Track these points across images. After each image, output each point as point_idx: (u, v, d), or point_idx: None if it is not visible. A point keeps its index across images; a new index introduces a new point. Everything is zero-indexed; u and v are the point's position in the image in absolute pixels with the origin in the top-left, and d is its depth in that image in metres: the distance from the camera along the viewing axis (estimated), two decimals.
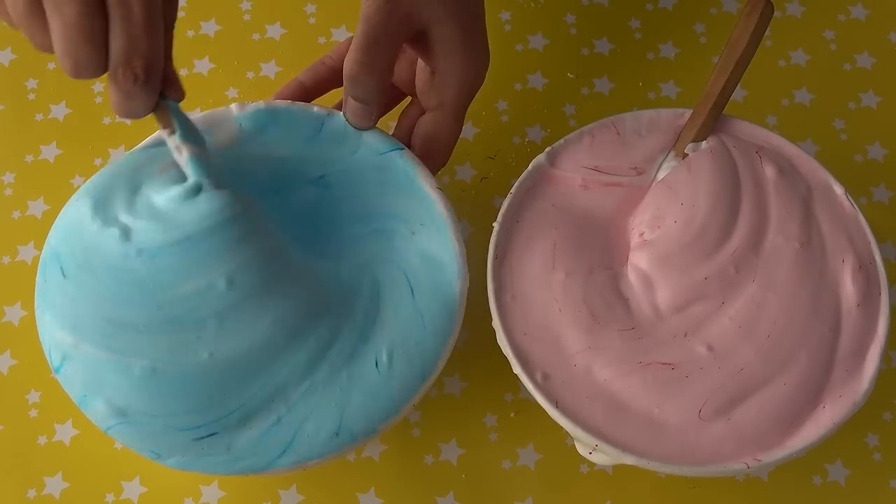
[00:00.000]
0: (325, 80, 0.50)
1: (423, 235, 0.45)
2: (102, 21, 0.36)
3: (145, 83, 0.37)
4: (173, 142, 0.40)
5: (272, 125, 0.46)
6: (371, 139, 0.46)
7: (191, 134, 0.41)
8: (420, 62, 0.47)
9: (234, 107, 0.46)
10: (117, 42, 0.36)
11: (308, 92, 0.50)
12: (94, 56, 0.36)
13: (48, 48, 0.37)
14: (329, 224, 0.46)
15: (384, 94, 0.45)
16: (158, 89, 0.38)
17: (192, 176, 0.41)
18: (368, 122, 0.45)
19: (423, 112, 0.48)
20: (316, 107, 0.47)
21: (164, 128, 0.40)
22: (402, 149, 0.46)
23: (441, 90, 0.46)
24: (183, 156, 0.40)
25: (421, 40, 0.45)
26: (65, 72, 0.37)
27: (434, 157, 0.47)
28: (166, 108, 0.40)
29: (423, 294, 0.44)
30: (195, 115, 0.45)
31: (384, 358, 0.43)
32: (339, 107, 0.47)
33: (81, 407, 0.41)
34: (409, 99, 0.51)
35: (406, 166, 0.46)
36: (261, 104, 0.46)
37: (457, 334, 0.44)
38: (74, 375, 0.41)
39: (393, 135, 0.48)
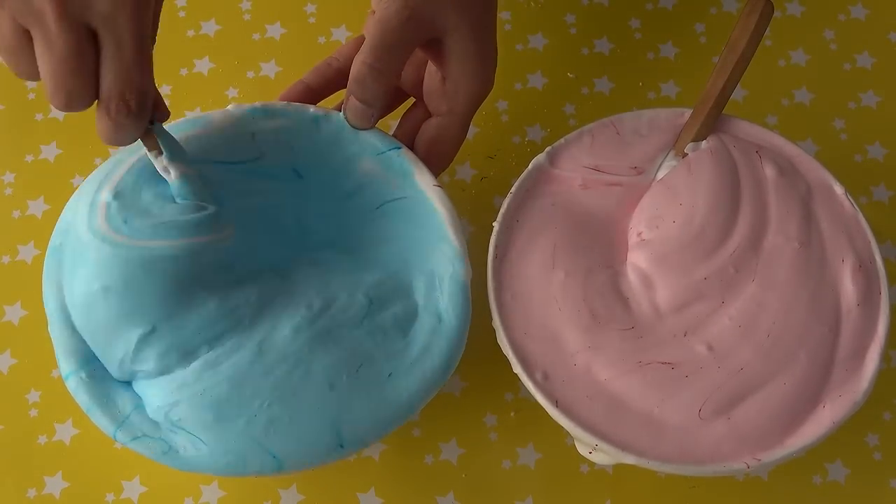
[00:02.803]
0: (332, 82, 0.50)
1: (421, 233, 0.45)
2: (94, 54, 0.36)
3: (138, 114, 0.37)
4: (161, 163, 0.41)
5: (269, 125, 0.46)
6: (369, 138, 0.46)
7: (177, 153, 0.41)
8: (430, 66, 0.47)
9: (231, 107, 0.46)
10: (109, 76, 0.36)
11: (313, 93, 0.49)
12: (86, 89, 0.36)
13: (34, 77, 0.37)
14: None
15: (389, 97, 0.45)
16: (149, 117, 0.39)
17: (179, 196, 0.41)
18: (368, 123, 0.45)
19: (427, 115, 0.48)
20: (312, 107, 0.47)
21: (151, 150, 0.41)
22: (400, 148, 0.46)
23: (451, 97, 0.46)
24: (171, 176, 0.41)
25: (435, 46, 0.45)
26: (55, 105, 0.37)
27: (437, 162, 0.47)
28: (152, 130, 0.40)
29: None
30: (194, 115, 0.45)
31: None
32: (339, 107, 0.47)
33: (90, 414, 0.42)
34: (411, 100, 0.51)
35: (404, 165, 0.46)
36: (257, 105, 0.46)
37: (465, 335, 0.44)
38: None
39: (394, 135, 0.48)
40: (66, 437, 0.49)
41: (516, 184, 0.47)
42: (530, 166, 0.48)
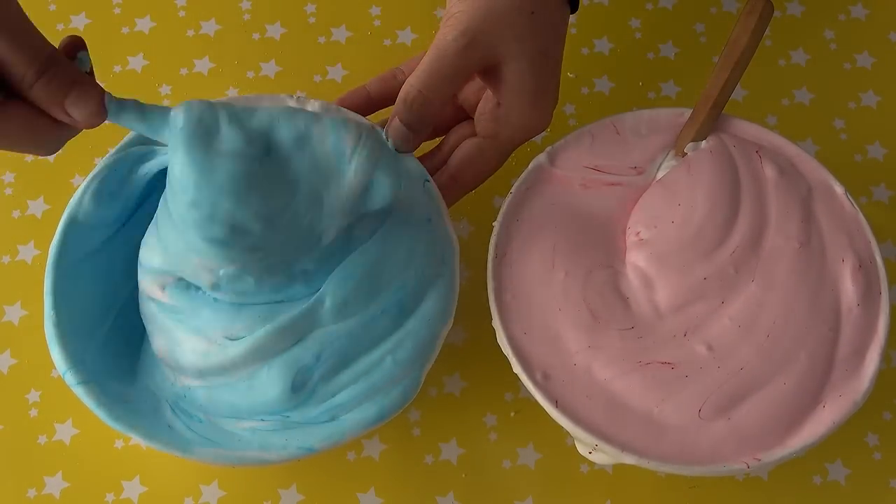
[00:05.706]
0: (392, 96, 0.48)
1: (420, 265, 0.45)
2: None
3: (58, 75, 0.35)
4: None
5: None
6: (404, 162, 0.46)
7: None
8: (488, 90, 0.46)
9: (289, 100, 0.46)
10: (15, 65, 0.33)
11: (373, 103, 0.49)
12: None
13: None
14: None
15: (433, 125, 0.44)
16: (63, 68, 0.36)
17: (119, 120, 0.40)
18: (410, 147, 0.45)
19: (474, 132, 0.47)
20: (359, 118, 0.47)
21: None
22: (428, 180, 0.46)
23: (500, 124, 0.45)
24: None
25: (492, 73, 0.44)
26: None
27: (464, 183, 0.47)
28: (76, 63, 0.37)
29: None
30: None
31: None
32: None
33: None
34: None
35: (424, 197, 0.45)
36: (316, 102, 0.46)
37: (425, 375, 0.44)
38: None
39: (438, 147, 0.48)
40: (66, 437, 0.49)
41: (516, 184, 0.47)
42: (530, 166, 0.48)
